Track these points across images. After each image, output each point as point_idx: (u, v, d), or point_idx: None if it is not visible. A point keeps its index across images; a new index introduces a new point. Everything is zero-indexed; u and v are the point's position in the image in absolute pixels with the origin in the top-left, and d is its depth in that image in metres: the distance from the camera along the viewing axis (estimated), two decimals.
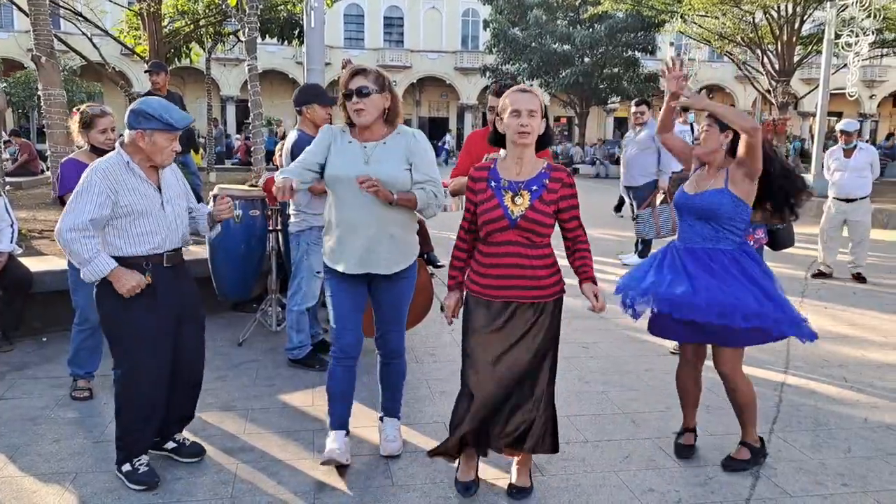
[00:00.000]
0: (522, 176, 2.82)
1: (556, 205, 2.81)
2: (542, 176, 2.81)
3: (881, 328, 5.81)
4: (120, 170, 2.99)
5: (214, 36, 16.28)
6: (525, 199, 2.77)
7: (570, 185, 2.85)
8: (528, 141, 2.75)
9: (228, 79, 38.87)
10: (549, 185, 2.79)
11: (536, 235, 2.78)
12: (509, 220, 2.77)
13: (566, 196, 2.83)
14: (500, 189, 2.81)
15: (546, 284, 2.85)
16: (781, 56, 17.92)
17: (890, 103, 44.20)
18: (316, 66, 6.95)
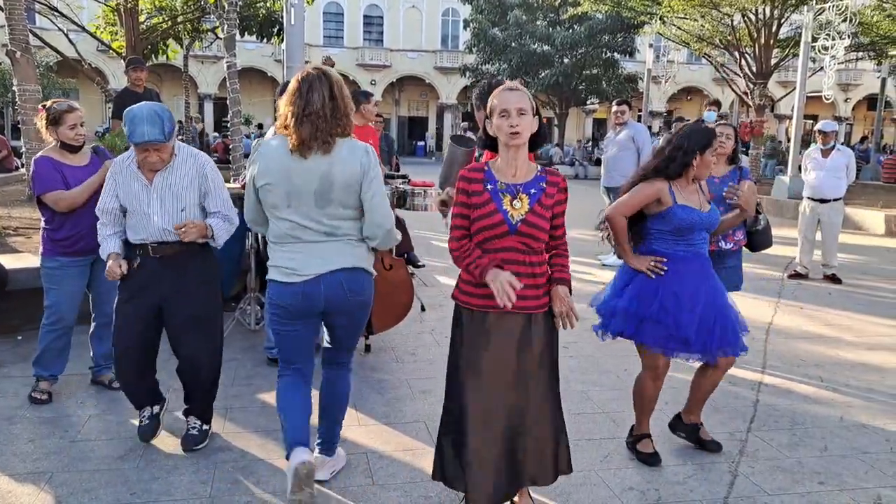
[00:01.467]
0: (519, 178, 2.65)
1: (551, 210, 2.65)
2: (539, 179, 2.66)
3: (855, 328, 5.89)
4: (122, 166, 3.32)
5: (192, 33, 16.13)
6: (524, 202, 2.61)
7: (565, 191, 2.71)
8: (520, 141, 2.59)
9: (206, 76, 38.55)
10: (546, 190, 2.65)
11: (535, 241, 2.63)
12: (509, 225, 2.59)
13: (561, 201, 2.69)
14: (498, 192, 2.62)
15: (543, 293, 2.68)
16: (759, 59, 18.12)
17: (864, 106, 44.90)
18: (296, 64, 6.91)
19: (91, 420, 3.78)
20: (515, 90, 2.62)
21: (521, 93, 2.61)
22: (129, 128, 3.09)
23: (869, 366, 4.96)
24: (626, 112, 8.13)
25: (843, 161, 7.55)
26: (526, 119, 2.57)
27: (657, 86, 24.02)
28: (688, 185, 3.33)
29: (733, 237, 4.77)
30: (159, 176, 3.28)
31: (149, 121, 3.07)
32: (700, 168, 3.29)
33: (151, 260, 3.32)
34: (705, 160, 3.28)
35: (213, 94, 38.99)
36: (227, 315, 5.46)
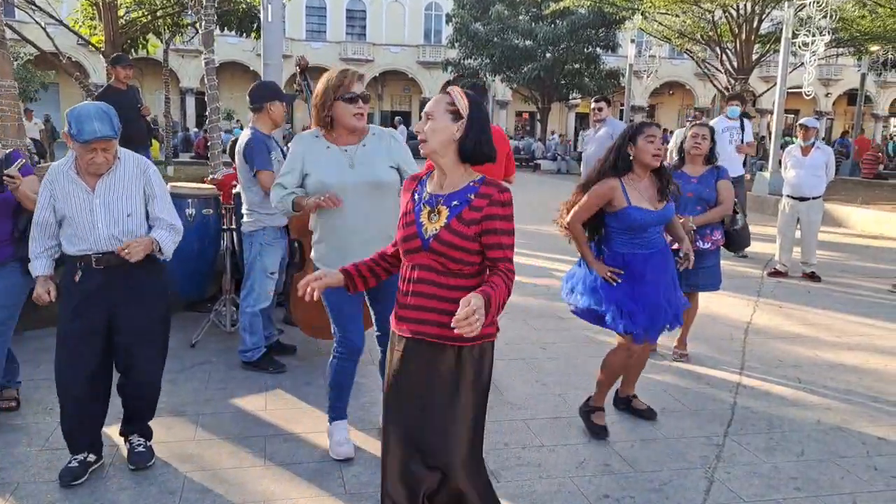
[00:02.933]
0: (446, 189, 2.33)
1: (478, 225, 2.25)
2: (469, 190, 2.29)
3: (834, 327, 5.91)
4: (60, 174, 3.10)
5: (172, 27, 15.91)
6: (442, 216, 2.29)
7: (502, 204, 2.26)
8: (427, 149, 2.30)
9: (188, 70, 38.20)
10: (473, 202, 2.26)
11: (451, 261, 2.27)
12: (422, 239, 2.30)
13: (493, 216, 2.25)
14: (421, 202, 2.36)
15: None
16: (740, 54, 18.19)
17: (845, 101, 45.28)
18: (273, 61, 6.82)
19: (59, 429, 3.69)
20: (442, 94, 2.35)
21: (440, 96, 2.34)
22: (77, 126, 2.90)
23: (847, 366, 4.96)
24: (605, 109, 8.09)
25: (822, 159, 7.56)
26: (431, 124, 2.28)
27: (639, 80, 24.04)
28: (641, 179, 3.58)
29: (711, 237, 4.77)
30: (102, 181, 3.09)
31: (97, 117, 2.94)
32: (641, 155, 3.53)
33: (95, 272, 3.09)
34: (640, 147, 3.52)
35: (195, 87, 38.62)
36: (202, 317, 5.40)
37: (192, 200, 5.13)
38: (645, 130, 3.56)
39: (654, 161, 3.55)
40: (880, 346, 5.41)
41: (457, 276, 2.29)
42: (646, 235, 3.59)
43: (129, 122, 7.48)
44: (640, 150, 3.53)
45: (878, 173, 21.48)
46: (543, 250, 9.09)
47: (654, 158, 3.54)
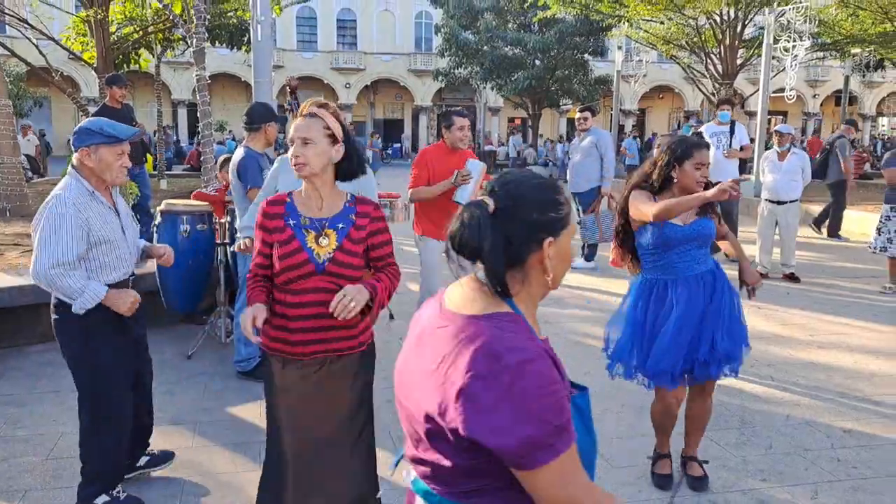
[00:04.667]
0: (325, 212, 2.41)
1: (365, 243, 2.42)
2: (348, 210, 2.42)
3: (809, 326, 6.11)
4: (86, 198, 2.87)
5: (164, 42, 16.11)
6: (332, 239, 2.37)
7: (380, 219, 2.47)
8: (305, 173, 2.36)
9: (179, 82, 38.39)
10: (356, 222, 2.42)
11: (347, 280, 2.37)
12: (315, 264, 2.36)
13: (376, 231, 2.45)
14: (301, 228, 2.38)
15: (357, 332, 2.49)
16: (724, 59, 18.47)
17: (832, 102, 45.66)
18: (264, 79, 7.00)
19: (63, 437, 3.87)
20: (311, 116, 2.41)
21: (314, 120, 2.39)
22: (109, 130, 2.89)
23: (818, 364, 5.17)
24: (589, 119, 8.30)
25: (798, 164, 7.79)
26: (312, 149, 2.34)
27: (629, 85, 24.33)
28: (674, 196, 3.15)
29: None
30: (115, 198, 3.06)
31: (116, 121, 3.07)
32: (685, 180, 3.10)
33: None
34: (686, 172, 3.09)
35: (187, 100, 38.77)
36: (198, 329, 5.58)
37: (186, 216, 5.31)
38: (695, 155, 3.09)
39: (698, 188, 3.12)
40: (852, 345, 5.62)
41: None
42: (674, 257, 3.17)
43: None
44: (685, 175, 3.11)
45: (863, 173, 21.73)
46: None
47: (698, 186, 3.11)
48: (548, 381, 1.21)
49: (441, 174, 4.78)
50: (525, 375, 1.20)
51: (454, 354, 1.25)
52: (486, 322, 1.28)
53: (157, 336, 5.65)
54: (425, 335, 1.37)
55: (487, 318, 1.29)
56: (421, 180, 4.85)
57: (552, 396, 1.21)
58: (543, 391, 1.20)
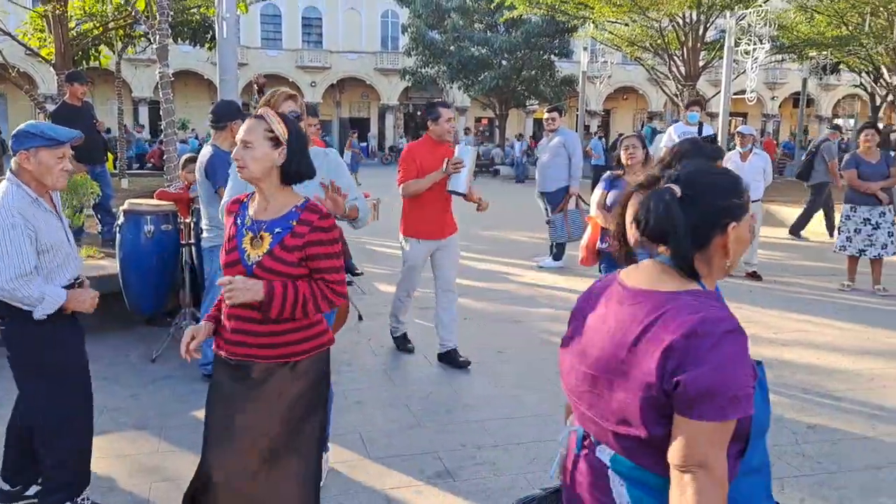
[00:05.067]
0: (269, 214, 2.35)
1: (302, 252, 2.30)
2: (291, 216, 2.33)
3: (772, 324, 6.22)
4: (30, 206, 2.79)
5: (125, 38, 15.79)
6: (265, 242, 2.31)
7: (323, 230, 2.32)
8: (246, 176, 2.32)
9: (141, 80, 37.71)
10: (295, 229, 2.30)
11: None
12: (245, 266, 2.31)
13: (315, 242, 2.30)
14: (243, 228, 2.37)
15: (292, 340, 2.36)
16: (687, 61, 18.73)
17: (790, 104, 46.63)
18: (229, 77, 6.89)
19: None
20: (254, 118, 2.35)
21: (256, 122, 2.33)
22: (50, 132, 2.80)
23: (782, 361, 5.26)
24: (557, 119, 8.36)
25: (760, 164, 7.93)
26: (251, 152, 2.29)
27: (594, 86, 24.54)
28: None
29: None
30: (55, 201, 2.98)
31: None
32: None
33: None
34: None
35: (149, 97, 38.13)
36: (162, 331, 5.47)
37: (149, 216, 5.20)
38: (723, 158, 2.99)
39: None
40: (814, 342, 5.73)
41: None
42: None
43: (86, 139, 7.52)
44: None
45: None
46: (499, 255, 9.31)
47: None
48: (746, 354, 1.37)
49: (429, 168, 4.75)
50: (733, 342, 1.35)
51: (663, 320, 1.39)
52: (689, 296, 1.42)
53: (120, 339, 5.56)
54: (610, 315, 1.50)
55: (688, 294, 1.43)
56: (410, 174, 4.80)
57: (747, 368, 1.35)
58: (744, 360, 1.35)
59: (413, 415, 4.21)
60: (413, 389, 4.64)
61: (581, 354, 1.55)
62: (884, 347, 5.62)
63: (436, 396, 4.52)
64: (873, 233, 7.26)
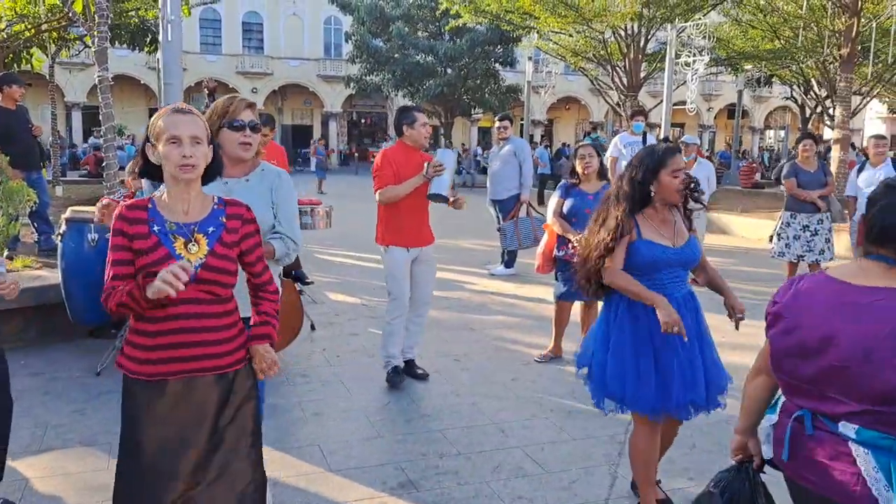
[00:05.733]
0: (192, 216, 2.25)
1: (238, 247, 2.29)
2: (217, 213, 2.28)
3: (719, 328, 6.30)
4: None
5: (58, 41, 15.26)
6: (202, 244, 2.22)
7: (252, 221, 2.34)
8: (193, 175, 2.21)
9: (73, 84, 36.53)
10: (227, 224, 2.28)
11: (221, 287, 2.24)
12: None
13: (249, 234, 2.32)
14: (167, 234, 2.20)
15: (236, 346, 2.30)
16: (629, 72, 19.17)
17: (725, 115, 48.22)
18: (174, 81, 6.70)
19: None
20: (188, 113, 2.26)
21: (194, 117, 2.26)
22: None
23: (730, 364, 5.30)
24: (509, 127, 8.42)
25: (704, 173, 8.14)
26: (201, 149, 2.22)
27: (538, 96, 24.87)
28: (657, 213, 2.98)
29: None
30: None
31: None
32: (665, 192, 2.92)
33: None
34: (664, 184, 2.91)
35: (82, 102, 36.96)
36: (107, 343, 5.27)
37: (94, 225, 5.01)
38: (669, 163, 2.91)
39: (679, 198, 2.97)
40: (759, 346, 5.88)
41: (223, 301, 2.27)
42: (657, 280, 2.95)
43: (21, 144, 7.21)
44: (663, 188, 2.91)
45: (755, 183, 23.05)
46: (453, 263, 9.30)
47: (679, 195, 2.95)
48: None
49: (406, 174, 4.58)
50: None
51: None
52: None
53: (62, 352, 5.34)
54: (860, 311, 1.72)
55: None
56: (388, 179, 4.59)
57: None
58: None
59: (372, 425, 4.15)
60: (370, 399, 4.58)
61: (821, 350, 1.76)
62: None
63: (394, 406, 4.47)
64: (812, 239, 7.52)
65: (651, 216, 2.99)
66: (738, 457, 2.27)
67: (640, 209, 2.96)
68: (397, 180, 4.58)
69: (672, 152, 2.97)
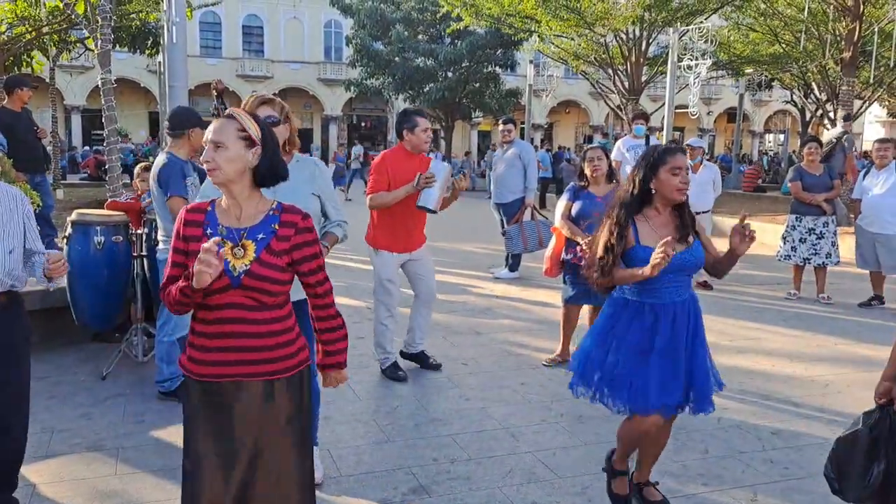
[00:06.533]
0: (245, 221, 2.24)
1: (289, 255, 2.24)
2: (271, 220, 2.25)
3: (726, 332, 6.35)
4: None
5: (59, 44, 15.23)
6: (249, 250, 2.20)
7: (308, 230, 2.27)
8: (221, 178, 2.19)
9: (74, 87, 36.47)
10: (279, 232, 2.23)
11: (267, 295, 2.21)
12: (231, 277, 2.17)
13: (301, 244, 2.25)
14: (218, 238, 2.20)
15: (283, 355, 2.26)
16: (631, 76, 19.16)
17: (725, 119, 48.30)
18: (179, 83, 6.69)
19: None
20: (227, 118, 2.24)
21: (226, 121, 2.22)
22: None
23: (739, 368, 5.36)
24: (513, 130, 8.40)
25: (710, 176, 8.13)
26: (225, 153, 2.17)
27: (538, 99, 24.88)
28: (660, 214, 2.98)
29: None
30: None
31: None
32: (664, 188, 2.91)
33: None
34: (663, 180, 2.91)
35: (82, 105, 36.96)
36: (112, 347, 5.24)
37: (100, 228, 4.97)
38: (668, 160, 2.90)
39: (679, 196, 2.93)
40: (767, 349, 5.87)
41: (271, 308, 2.24)
42: (654, 284, 2.92)
43: (26, 146, 7.19)
44: (662, 184, 2.91)
45: (757, 186, 23.04)
46: (459, 267, 9.27)
47: (679, 193, 2.92)
48: None
49: (400, 179, 4.59)
50: None
51: None
52: None
53: (67, 356, 5.30)
54: None
55: None
56: (380, 185, 4.64)
57: None
58: None
59: (381, 429, 4.11)
60: (379, 403, 4.55)
61: None
62: (833, 354, 5.79)
63: (402, 410, 4.43)
64: (817, 242, 7.50)
65: (652, 217, 2.98)
66: (882, 401, 2.62)
67: (640, 209, 2.97)
68: (393, 185, 4.61)
69: (673, 150, 2.96)
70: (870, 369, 5.39)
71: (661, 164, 2.91)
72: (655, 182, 2.93)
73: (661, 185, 2.92)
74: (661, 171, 2.91)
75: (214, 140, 2.18)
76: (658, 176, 2.92)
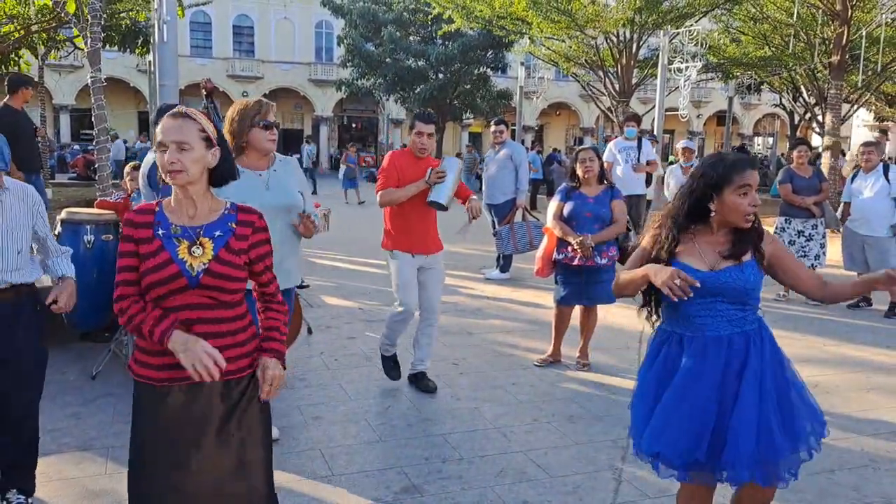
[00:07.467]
0: (199, 219, 2.20)
1: (247, 255, 2.22)
2: (228, 218, 2.22)
3: None
4: None
5: (48, 42, 15.14)
6: (207, 248, 2.15)
7: (263, 230, 2.27)
8: (181, 180, 2.13)
9: (62, 86, 36.27)
10: (237, 231, 2.21)
11: (225, 293, 2.17)
12: (188, 277, 2.11)
13: (258, 243, 2.25)
14: (171, 238, 2.15)
15: (245, 352, 2.23)
16: (621, 78, 19.24)
17: (714, 122, 48.53)
18: (170, 82, 6.66)
19: None
20: (181, 117, 2.16)
21: (184, 121, 2.16)
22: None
23: None
24: (505, 132, 8.40)
25: None
26: (191, 154, 2.12)
27: (528, 101, 24.95)
28: (712, 235, 2.43)
29: (607, 253, 5.08)
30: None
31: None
32: (728, 213, 2.36)
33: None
34: (728, 204, 2.35)
35: (70, 104, 36.73)
36: (101, 347, 5.21)
37: (90, 226, 4.95)
38: (735, 178, 2.33)
39: (746, 223, 2.38)
40: None
41: (229, 306, 2.20)
42: (693, 308, 2.40)
43: (25, 145, 7.14)
44: (727, 207, 2.35)
45: None
46: (450, 268, 9.17)
47: (747, 220, 2.37)
48: None
49: (409, 179, 4.48)
50: None
51: None
52: None
53: (55, 356, 5.22)
54: None
55: None
56: (391, 182, 4.49)
57: None
58: None
59: (373, 429, 4.11)
60: (370, 403, 4.54)
61: None
62: (823, 356, 5.82)
63: (394, 410, 4.43)
64: (806, 244, 7.55)
65: (701, 234, 2.45)
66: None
67: (689, 225, 2.44)
68: (401, 184, 4.49)
69: (742, 165, 2.36)
70: (858, 370, 5.44)
71: (728, 184, 2.34)
72: (717, 203, 2.37)
73: (725, 209, 2.36)
74: (727, 192, 2.34)
75: (179, 141, 2.11)
76: (722, 197, 2.35)
